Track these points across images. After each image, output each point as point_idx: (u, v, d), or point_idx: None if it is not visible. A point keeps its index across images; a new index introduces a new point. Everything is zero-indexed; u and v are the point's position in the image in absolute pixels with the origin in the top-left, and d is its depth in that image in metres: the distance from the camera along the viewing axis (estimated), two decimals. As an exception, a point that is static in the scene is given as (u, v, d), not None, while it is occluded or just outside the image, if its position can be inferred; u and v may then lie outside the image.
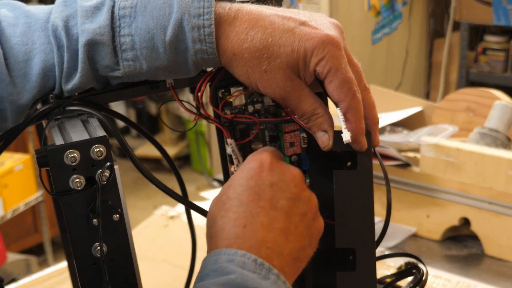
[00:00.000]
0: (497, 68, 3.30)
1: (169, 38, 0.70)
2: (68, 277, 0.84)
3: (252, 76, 0.70)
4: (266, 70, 0.70)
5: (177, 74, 0.73)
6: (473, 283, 1.34)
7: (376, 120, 0.75)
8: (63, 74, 0.73)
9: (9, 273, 2.88)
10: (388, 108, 1.84)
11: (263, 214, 0.67)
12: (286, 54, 0.69)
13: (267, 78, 0.70)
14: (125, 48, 0.71)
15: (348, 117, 0.71)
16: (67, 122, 0.72)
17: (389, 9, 3.30)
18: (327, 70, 0.69)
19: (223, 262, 0.64)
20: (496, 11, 3.16)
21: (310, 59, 0.69)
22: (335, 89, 0.70)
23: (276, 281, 0.64)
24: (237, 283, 0.62)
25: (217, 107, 0.76)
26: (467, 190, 1.45)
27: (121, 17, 0.71)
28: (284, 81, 0.70)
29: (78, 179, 0.65)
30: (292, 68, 0.70)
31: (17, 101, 0.74)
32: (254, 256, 0.64)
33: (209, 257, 0.66)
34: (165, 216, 1.64)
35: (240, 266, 0.63)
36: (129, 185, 4.14)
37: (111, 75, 0.73)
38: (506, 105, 1.55)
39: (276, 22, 0.70)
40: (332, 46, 0.69)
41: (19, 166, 2.88)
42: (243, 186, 0.68)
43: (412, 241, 1.52)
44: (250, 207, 0.67)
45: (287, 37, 0.69)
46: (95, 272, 0.68)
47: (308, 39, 0.69)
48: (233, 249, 0.65)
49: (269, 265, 0.64)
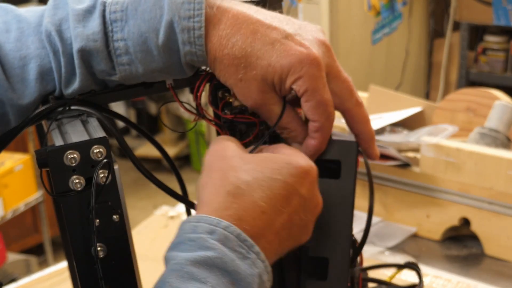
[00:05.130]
0: (497, 68, 3.30)
1: (162, 40, 0.69)
2: (68, 277, 0.84)
3: (229, 81, 0.70)
4: (242, 79, 0.69)
5: (174, 75, 0.73)
6: (473, 283, 1.34)
7: (371, 135, 0.74)
8: (62, 79, 0.73)
9: (9, 273, 2.88)
10: (388, 108, 1.84)
11: (279, 215, 0.65)
12: (262, 67, 0.68)
13: (241, 86, 0.70)
14: (119, 53, 0.71)
15: (315, 135, 0.71)
16: (67, 123, 0.72)
17: (389, 9, 3.30)
18: (303, 90, 0.68)
19: (203, 232, 0.61)
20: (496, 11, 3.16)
21: (287, 77, 0.68)
22: (310, 109, 0.69)
23: (255, 261, 0.62)
24: (216, 263, 0.60)
25: (217, 107, 0.76)
26: (467, 190, 1.45)
27: (112, 22, 0.71)
28: (257, 92, 0.69)
29: (78, 180, 0.65)
30: (267, 82, 0.69)
31: (18, 105, 0.74)
32: (238, 230, 0.62)
33: (189, 221, 0.63)
34: (165, 216, 1.64)
35: (221, 241, 0.61)
36: (129, 185, 4.13)
37: (108, 79, 0.73)
38: (506, 105, 1.55)
39: (259, 32, 0.69)
40: (310, 66, 0.68)
41: (19, 166, 2.87)
42: (282, 175, 0.65)
43: (412, 241, 1.52)
44: (275, 201, 0.64)
45: (266, 50, 0.68)
46: (95, 272, 0.68)
47: (286, 56, 0.68)
48: (216, 218, 0.62)
49: (251, 242, 0.62)
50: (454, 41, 3.44)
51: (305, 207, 0.67)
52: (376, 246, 1.49)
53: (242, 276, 0.60)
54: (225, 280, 0.60)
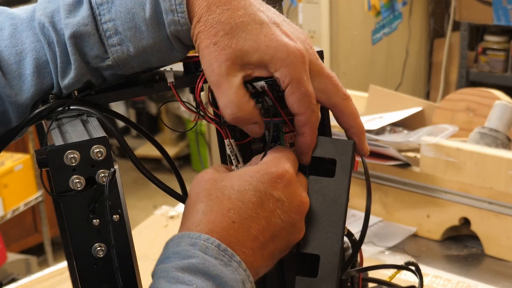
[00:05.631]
0: (497, 68, 3.30)
1: (149, 14, 0.70)
2: (68, 277, 0.84)
3: (201, 44, 0.69)
4: (216, 43, 0.68)
5: (166, 54, 0.73)
6: (473, 283, 1.34)
7: (361, 128, 0.74)
8: (58, 70, 0.73)
9: (9, 273, 2.88)
10: (388, 108, 1.84)
11: (255, 221, 0.67)
12: (246, 40, 0.68)
13: (211, 50, 0.68)
14: (109, 35, 0.71)
15: (304, 130, 0.71)
16: (67, 123, 0.72)
17: (389, 9, 3.30)
18: (288, 80, 0.69)
19: (185, 245, 0.64)
20: (496, 11, 3.16)
21: (270, 61, 0.68)
22: (296, 102, 0.70)
23: (237, 269, 0.64)
24: (199, 268, 0.62)
25: (217, 107, 0.76)
26: (467, 190, 1.45)
27: (99, 5, 0.71)
28: (225, 62, 0.68)
29: (78, 179, 0.65)
30: (241, 58, 0.68)
31: (17, 102, 0.74)
32: (217, 241, 0.64)
33: (172, 240, 0.66)
34: (165, 216, 1.64)
35: (202, 250, 0.63)
36: (129, 185, 4.13)
37: (102, 65, 0.73)
38: (506, 105, 1.55)
39: (249, 9, 0.69)
40: (296, 57, 0.68)
41: (19, 166, 2.88)
42: (252, 185, 0.68)
43: (412, 241, 1.52)
44: (247, 207, 0.67)
45: (254, 28, 0.68)
46: (95, 272, 0.68)
47: (273, 40, 0.68)
48: (196, 232, 0.65)
49: (231, 251, 0.64)
50: (454, 41, 3.44)
51: (285, 208, 0.68)
52: (376, 246, 1.49)
53: (225, 280, 0.63)
54: (209, 283, 0.62)
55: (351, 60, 3.12)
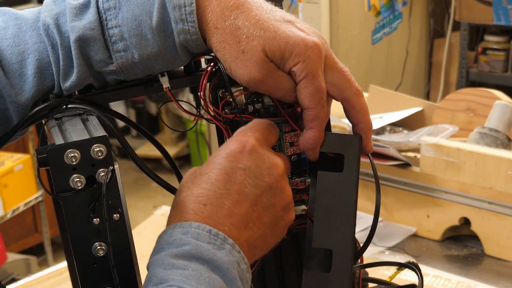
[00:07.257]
0: (497, 68, 3.30)
1: (156, 22, 0.70)
2: (68, 277, 0.84)
3: (228, 55, 0.70)
4: (244, 50, 0.69)
5: (170, 62, 0.73)
6: (473, 283, 1.34)
7: (369, 125, 0.75)
8: (60, 72, 0.73)
9: (9, 273, 2.88)
10: (388, 108, 1.84)
11: (226, 197, 0.67)
12: (266, 38, 0.69)
13: (243, 58, 0.69)
14: (115, 40, 0.72)
15: (312, 125, 0.72)
16: (67, 122, 0.72)
17: (389, 9, 3.30)
18: (304, 74, 0.69)
19: (178, 234, 0.64)
20: (496, 11, 3.16)
21: (290, 56, 0.69)
22: (308, 96, 0.70)
23: (231, 251, 0.64)
24: (192, 254, 0.63)
25: (217, 107, 0.76)
26: (467, 190, 1.45)
27: (106, 10, 0.71)
28: (261, 63, 0.69)
29: (78, 178, 0.65)
30: (267, 53, 0.69)
31: (17, 101, 0.74)
32: (208, 227, 0.64)
33: (164, 232, 0.66)
34: (165, 216, 1.63)
35: (194, 237, 0.64)
36: (129, 185, 4.13)
37: (106, 70, 0.73)
38: (506, 105, 1.55)
39: (263, 8, 0.70)
40: (313, 51, 0.69)
41: (19, 166, 2.87)
42: (216, 164, 0.68)
43: (412, 241, 1.52)
44: (215, 186, 0.67)
45: (272, 24, 0.69)
46: (95, 271, 0.68)
47: (292, 36, 0.69)
48: (187, 221, 0.65)
49: (224, 235, 0.65)
50: (454, 41, 3.44)
51: (255, 174, 0.68)
52: (376, 246, 1.49)
53: (219, 263, 0.63)
54: (204, 267, 0.62)
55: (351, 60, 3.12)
